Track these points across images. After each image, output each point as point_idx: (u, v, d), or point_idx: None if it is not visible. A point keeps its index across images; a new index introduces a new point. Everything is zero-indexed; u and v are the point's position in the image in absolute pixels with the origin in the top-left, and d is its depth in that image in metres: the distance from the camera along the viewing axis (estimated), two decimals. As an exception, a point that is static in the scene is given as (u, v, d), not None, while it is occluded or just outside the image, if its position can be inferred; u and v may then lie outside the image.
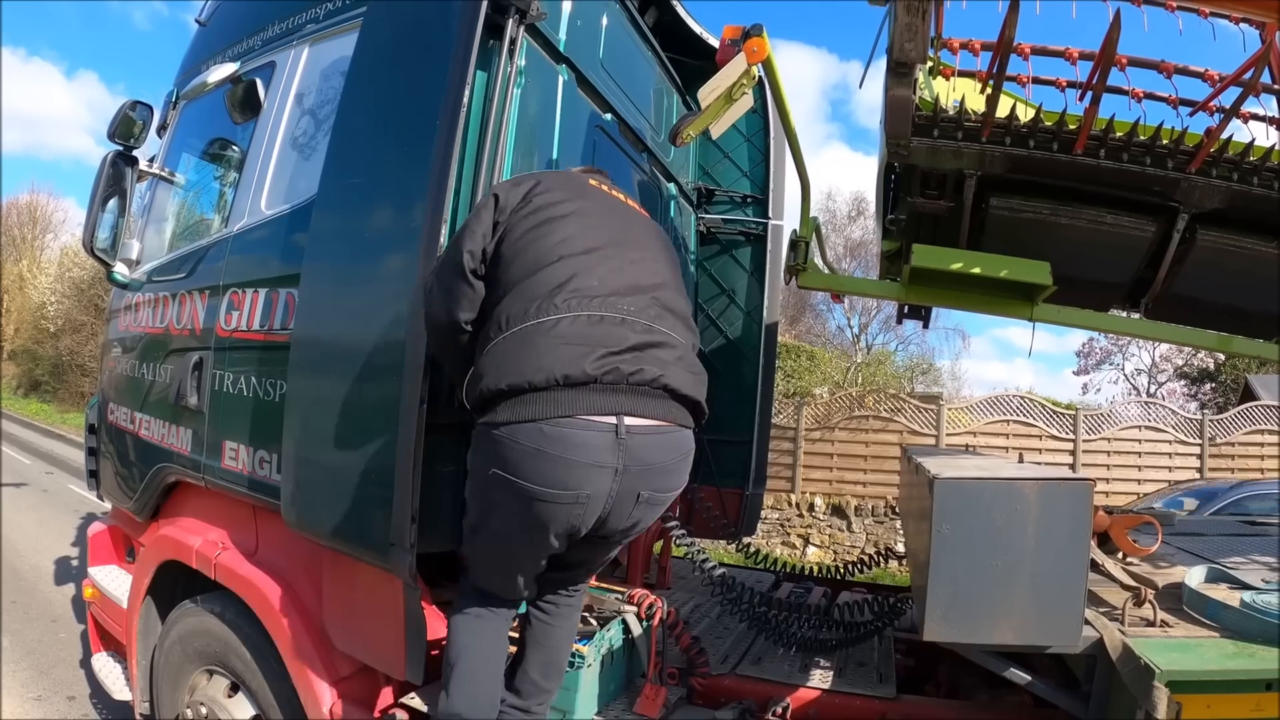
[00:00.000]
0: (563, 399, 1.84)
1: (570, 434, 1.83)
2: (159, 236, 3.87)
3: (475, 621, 2.19)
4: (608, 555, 2.31)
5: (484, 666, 2.17)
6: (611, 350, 1.88)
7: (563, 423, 1.83)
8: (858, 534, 12.42)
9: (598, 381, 1.85)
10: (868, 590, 4.27)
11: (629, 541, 2.26)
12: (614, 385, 1.86)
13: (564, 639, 2.36)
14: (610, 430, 1.86)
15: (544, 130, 2.99)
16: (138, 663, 3.60)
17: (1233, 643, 2.10)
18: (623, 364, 1.87)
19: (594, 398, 1.85)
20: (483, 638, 2.19)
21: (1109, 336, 25.11)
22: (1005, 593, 2.00)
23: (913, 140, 3.29)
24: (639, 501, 1.97)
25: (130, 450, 3.77)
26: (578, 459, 1.84)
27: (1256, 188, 3.29)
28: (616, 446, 1.86)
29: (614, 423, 1.86)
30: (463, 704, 2.12)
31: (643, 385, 1.90)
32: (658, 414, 1.94)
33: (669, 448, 1.99)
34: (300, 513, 2.62)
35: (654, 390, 1.93)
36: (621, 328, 1.94)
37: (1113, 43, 2.91)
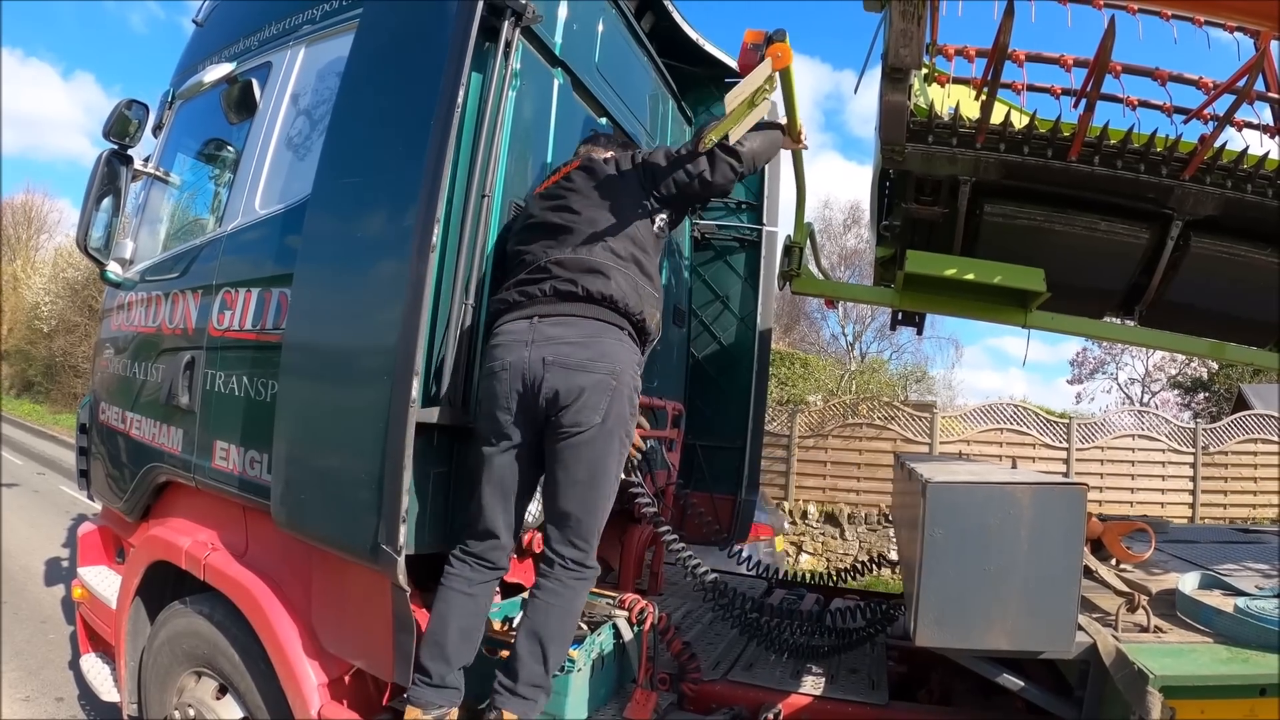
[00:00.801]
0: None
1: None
2: (153, 236, 3.86)
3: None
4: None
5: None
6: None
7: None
8: (851, 541, 12.42)
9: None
10: (860, 597, 4.26)
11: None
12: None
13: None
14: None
15: (538, 133, 2.99)
16: (126, 664, 3.58)
17: (1226, 648, 2.09)
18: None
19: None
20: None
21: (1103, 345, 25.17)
22: (998, 598, 1.99)
23: (908, 146, 3.29)
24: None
25: (121, 450, 3.76)
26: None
27: (1250, 195, 3.30)
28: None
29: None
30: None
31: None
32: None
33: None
34: (290, 513, 2.61)
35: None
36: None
37: (1107, 50, 2.92)
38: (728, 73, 4.89)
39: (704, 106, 5.05)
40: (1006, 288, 3.41)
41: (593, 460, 2.39)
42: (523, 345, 2.39)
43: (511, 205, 2.78)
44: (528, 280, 2.49)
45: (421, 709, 2.33)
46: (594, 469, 2.39)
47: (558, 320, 2.42)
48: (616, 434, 2.42)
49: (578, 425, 2.36)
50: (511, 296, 2.49)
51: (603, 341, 2.42)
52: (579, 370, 2.36)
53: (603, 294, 2.45)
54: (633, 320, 2.52)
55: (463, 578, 2.43)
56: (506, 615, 2.68)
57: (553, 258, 2.49)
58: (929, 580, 2.00)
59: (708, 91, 5.00)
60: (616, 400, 2.40)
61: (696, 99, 5.00)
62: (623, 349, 2.46)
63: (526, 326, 2.42)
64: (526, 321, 2.43)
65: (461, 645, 2.39)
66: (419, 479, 2.39)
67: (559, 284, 2.45)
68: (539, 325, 2.41)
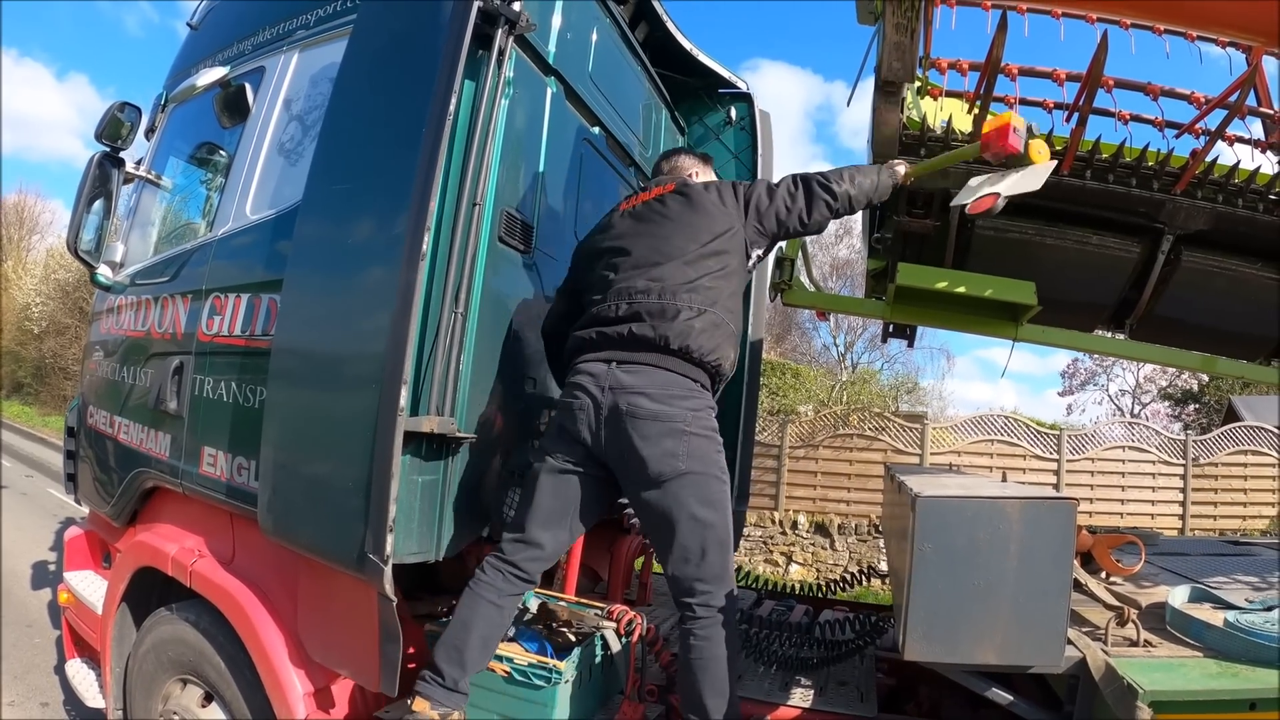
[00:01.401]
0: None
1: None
2: (143, 239, 3.84)
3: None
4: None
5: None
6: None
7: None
8: (841, 552, 12.39)
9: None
10: (850, 608, 4.26)
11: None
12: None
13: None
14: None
15: (531, 142, 2.98)
16: (111, 670, 3.55)
17: (1216, 662, 2.09)
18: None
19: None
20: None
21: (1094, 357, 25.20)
22: (987, 612, 1.99)
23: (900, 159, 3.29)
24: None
25: (109, 454, 3.73)
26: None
27: (1241, 209, 3.32)
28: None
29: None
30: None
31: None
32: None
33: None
34: (277, 520, 2.59)
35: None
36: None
37: (1100, 64, 2.94)
38: (720, 83, 4.91)
39: (697, 116, 5.06)
40: (997, 301, 3.41)
41: (693, 506, 2.37)
42: (599, 389, 2.43)
43: (503, 214, 2.77)
44: (608, 320, 2.51)
45: (429, 703, 2.32)
46: (696, 514, 2.37)
47: (632, 369, 2.44)
48: (706, 474, 2.41)
49: (662, 475, 2.36)
50: (590, 335, 2.52)
51: (672, 395, 2.41)
52: (650, 420, 2.37)
53: (681, 346, 2.44)
54: (707, 368, 2.50)
55: (494, 587, 2.44)
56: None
57: (635, 300, 2.49)
58: (918, 594, 2.00)
59: (700, 101, 5.01)
60: (692, 443, 2.39)
61: (690, 109, 5.01)
62: (692, 400, 2.45)
63: (604, 370, 2.45)
64: (604, 365, 2.46)
65: (480, 654, 2.39)
66: (406, 488, 2.38)
67: (636, 329, 2.45)
68: (615, 371, 2.44)
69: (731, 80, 4.90)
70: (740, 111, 4.96)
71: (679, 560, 2.38)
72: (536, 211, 3.03)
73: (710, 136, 5.04)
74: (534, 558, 2.48)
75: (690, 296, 2.48)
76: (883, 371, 26.49)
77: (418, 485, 2.47)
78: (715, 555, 2.37)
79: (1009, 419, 13.75)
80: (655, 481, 2.37)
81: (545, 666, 2.35)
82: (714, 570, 2.37)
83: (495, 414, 2.81)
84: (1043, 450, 13.03)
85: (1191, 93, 3.53)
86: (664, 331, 2.43)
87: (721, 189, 2.68)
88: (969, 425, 13.73)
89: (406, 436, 2.31)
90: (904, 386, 26.20)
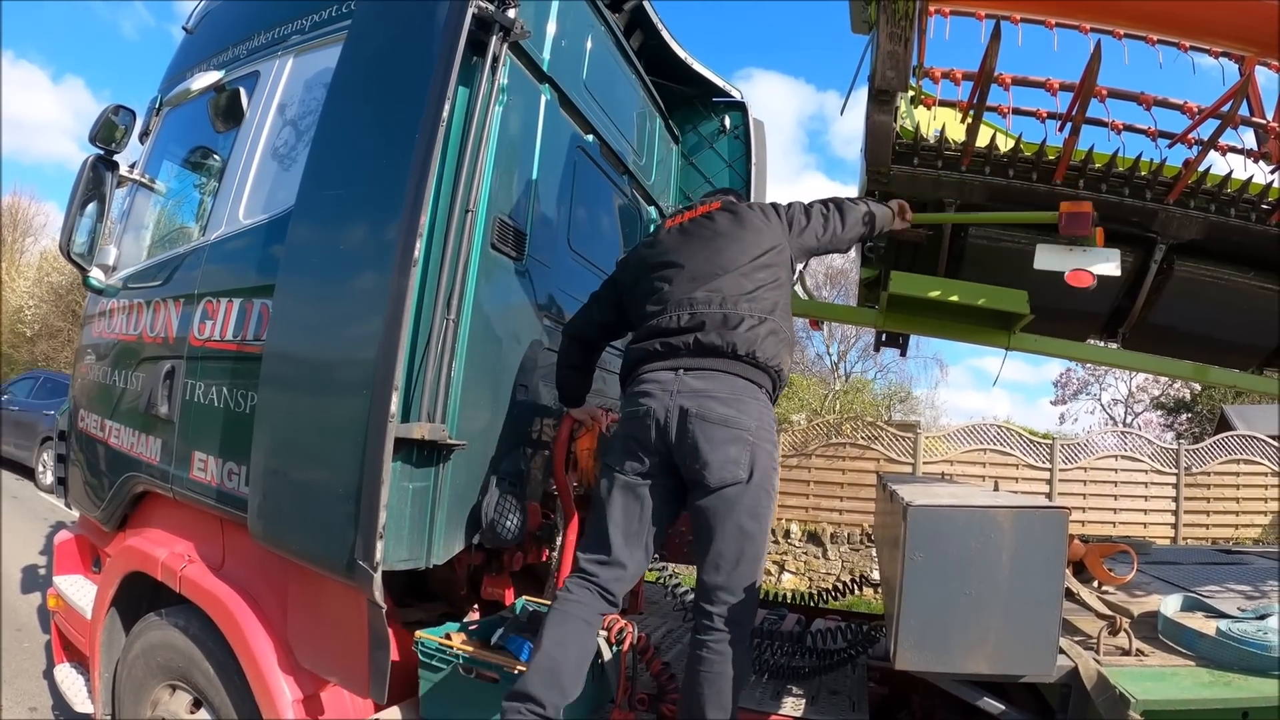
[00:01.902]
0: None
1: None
2: (136, 243, 3.83)
3: None
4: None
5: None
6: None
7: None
8: (833, 561, 12.39)
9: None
10: (841, 617, 4.25)
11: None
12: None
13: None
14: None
15: (524, 149, 2.99)
16: (100, 675, 3.53)
17: (1209, 671, 2.08)
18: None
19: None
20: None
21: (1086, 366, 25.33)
22: (979, 621, 1.99)
23: (893, 168, 3.30)
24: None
25: (99, 458, 3.72)
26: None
27: (1234, 219, 3.32)
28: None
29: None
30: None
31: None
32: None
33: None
34: (267, 526, 2.58)
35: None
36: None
37: (1093, 74, 2.94)
38: (714, 91, 4.92)
39: (691, 125, 5.07)
40: (991, 309, 3.41)
41: (741, 516, 2.37)
42: (668, 394, 2.43)
43: (496, 220, 2.77)
44: (671, 330, 2.53)
45: None
46: (743, 525, 2.37)
47: (701, 374, 2.45)
48: (764, 488, 2.42)
49: (722, 482, 2.36)
50: (654, 346, 2.53)
51: (743, 400, 2.44)
52: (719, 425, 2.38)
53: (748, 351, 2.48)
54: (770, 373, 2.54)
55: (586, 605, 2.39)
56: (484, 633, 2.65)
57: (697, 310, 2.53)
58: (909, 603, 1.99)
59: (695, 109, 5.02)
60: (759, 455, 2.40)
61: (684, 117, 5.02)
62: (759, 407, 2.47)
63: (672, 377, 2.46)
64: (672, 372, 2.47)
65: (575, 678, 2.31)
66: (397, 494, 2.37)
67: (703, 338, 2.48)
68: (684, 377, 2.45)
69: (726, 89, 4.91)
70: (735, 120, 4.97)
71: (711, 567, 2.37)
72: (529, 218, 3.03)
73: (704, 145, 5.05)
74: (618, 578, 2.44)
75: (749, 305, 2.54)
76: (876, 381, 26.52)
77: (408, 492, 2.46)
78: (747, 568, 2.37)
79: (1002, 428, 13.78)
80: (713, 486, 2.36)
81: (536, 674, 2.33)
82: (742, 582, 2.36)
83: (487, 421, 2.81)
84: (1036, 459, 13.05)
85: (1184, 102, 3.54)
86: (730, 339, 2.47)
87: (764, 208, 2.78)
88: (962, 434, 13.75)
89: (397, 443, 2.30)
90: (897, 396, 26.23)
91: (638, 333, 2.64)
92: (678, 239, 2.73)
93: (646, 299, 2.66)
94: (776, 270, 2.66)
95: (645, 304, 2.65)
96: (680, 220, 2.81)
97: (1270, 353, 3.87)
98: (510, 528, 2.72)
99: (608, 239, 3.97)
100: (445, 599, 3.11)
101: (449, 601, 3.11)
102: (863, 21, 3.05)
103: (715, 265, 2.60)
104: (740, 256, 2.61)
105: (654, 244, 2.80)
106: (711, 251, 2.63)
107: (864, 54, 3.01)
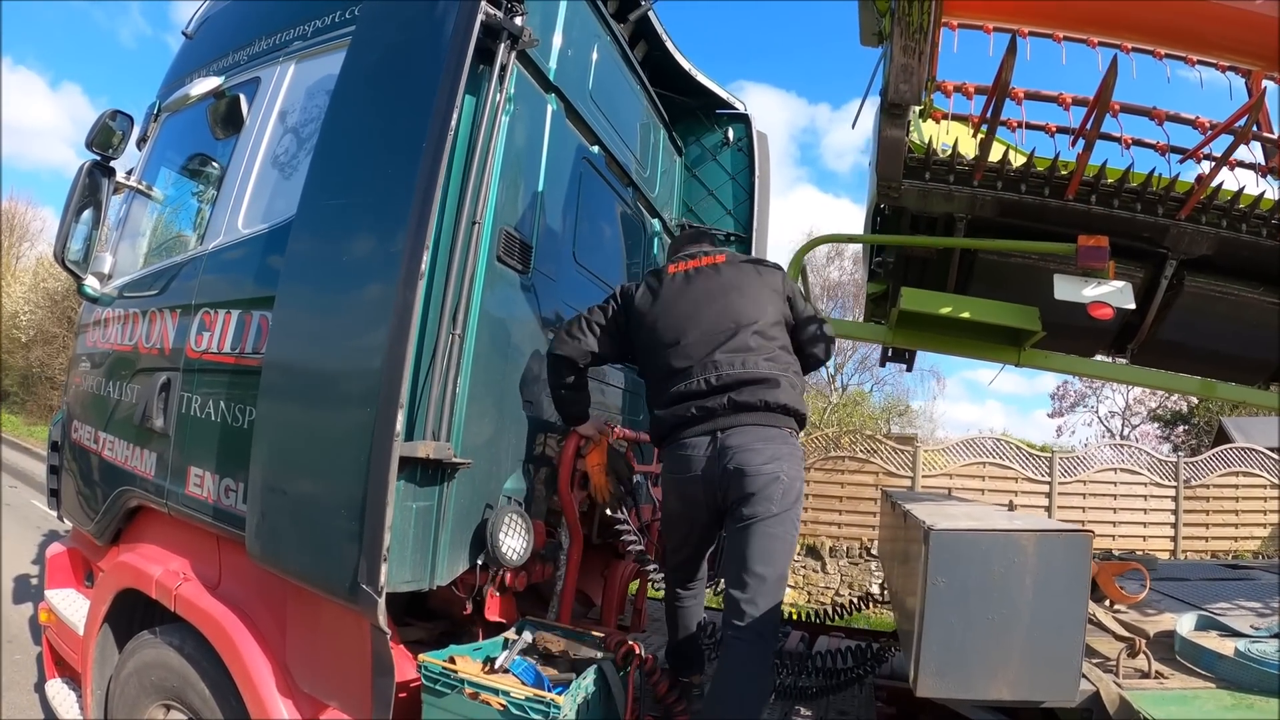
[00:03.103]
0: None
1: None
2: (132, 251, 3.77)
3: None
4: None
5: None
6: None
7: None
8: (832, 575, 12.34)
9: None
10: (845, 635, 4.20)
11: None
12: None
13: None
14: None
15: (530, 160, 2.94)
16: (92, 692, 3.46)
17: (1230, 694, 2.04)
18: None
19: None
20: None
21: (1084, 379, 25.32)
22: (1001, 647, 1.94)
23: (904, 182, 3.27)
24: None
25: (93, 471, 3.65)
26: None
27: (1245, 234, 3.30)
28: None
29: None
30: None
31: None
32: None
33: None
34: (265, 545, 2.50)
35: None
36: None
37: (1109, 89, 2.91)
38: (717, 103, 4.89)
39: (694, 137, 5.04)
40: (1000, 326, 3.38)
41: (769, 541, 2.60)
42: (707, 460, 2.68)
43: (502, 233, 2.72)
44: (703, 394, 2.73)
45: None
46: (770, 548, 2.59)
47: (736, 430, 2.68)
48: (789, 519, 2.66)
49: (754, 516, 2.60)
50: (690, 412, 2.72)
51: (775, 445, 2.68)
52: (755, 473, 2.62)
53: (776, 403, 2.72)
54: (796, 417, 2.79)
55: (691, 595, 3.13)
56: (488, 655, 2.59)
57: (723, 372, 2.74)
58: (931, 629, 1.94)
59: (698, 121, 4.99)
60: (787, 492, 2.63)
61: (686, 129, 4.99)
62: (789, 448, 2.71)
63: (708, 442, 2.70)
64: (708, 437, 2.70)
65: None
66: (400, 514, 2.31)
67: (737, 398, 2.70)
68: (720, 439, 2.68)
69: (729, 100, 4.88)
70: (738, 132, 4.95)
71: (741, 582, 2.59)
72: (535, 231, 2.98)
73: (707, 157, 5.02)
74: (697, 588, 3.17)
75: (771, 365, 2.77)
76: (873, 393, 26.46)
77: (412, 511, 2.40)
78: (774, 592, 2.59)
79: (1000, 441, 13.76)
80: (749, 520, 2.60)
81: (544, 700, 2.28)
82: (767, 599, 2.56)
83: (491, 438, 2.75)
84: (1035, 473, 13.01)
85: (1196, 117, 3.52)
86: (762, 396, 2.71)
87: (771, 277, 2.97)
88: (960, 448, 13.71)
89: (401, 462, 2.23)
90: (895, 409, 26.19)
91: (668, 396, 2.79)
92: (683, 287, 2.89)
93: (664, 351, 2.83)
94: (783, 330, 2.90)
95: (664, 357, 2.83)
96: (685, 268, 2.95)
97: (1277, 367, 3.84)
98: (515, 548, 2.66)
99: (612, 251, 3.92)
100: (445, 617, 3.04)
101: (449, 620, 3.04)
102: (872, 34, 3.02)
103: (731, 321, 2.79)
104: (757, 315, 2.82)
105: (660, 291, 2.92)
106: (724, 306, 2.82)
107: (876, 67, 2.98)
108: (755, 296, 2.85)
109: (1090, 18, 3.34)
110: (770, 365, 2.76)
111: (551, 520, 3.12)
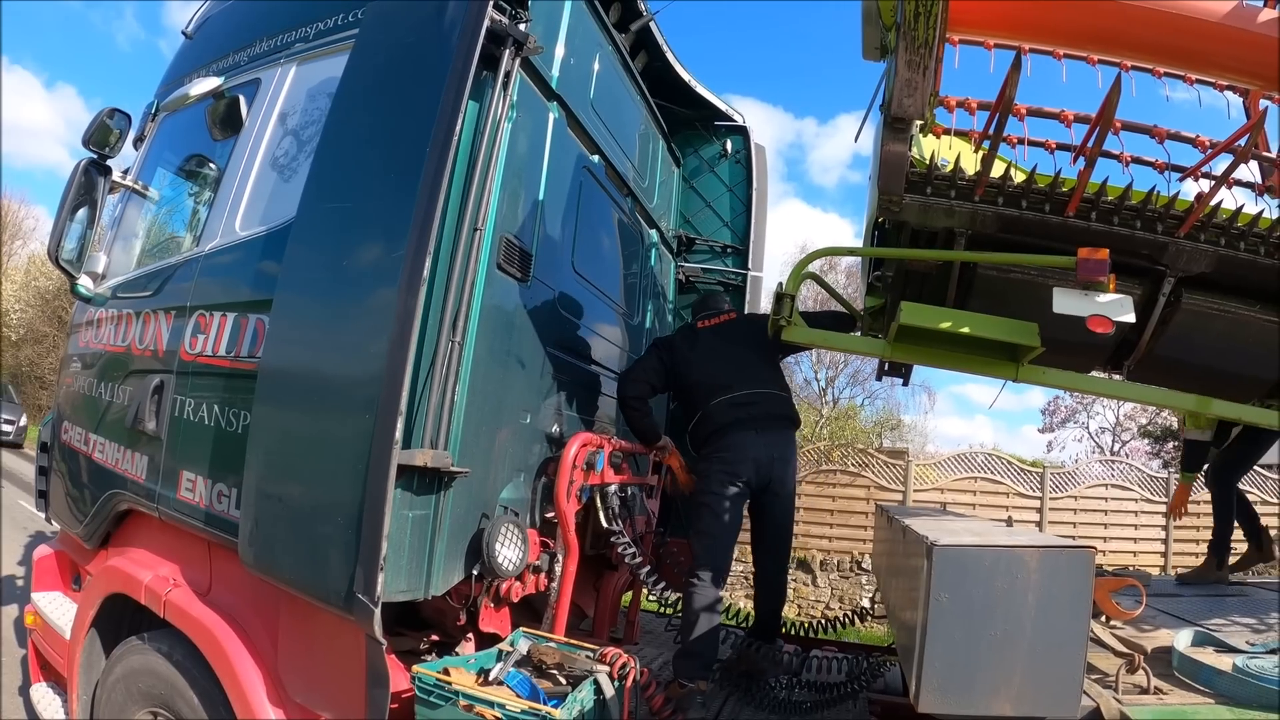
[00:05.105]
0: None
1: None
2: (127, 251, 3.74)
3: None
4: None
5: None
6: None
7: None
8: (823, 588, 12.29)
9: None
10: (838, 648, 4.18)
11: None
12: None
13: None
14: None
15: (532, 167, 2.93)
16: (78, 697, 3.42)
17: (1229, 709, 2.05)
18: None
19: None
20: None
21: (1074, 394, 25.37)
22: (1003, 663, 1.94)
23: (905, 197, 3.26)
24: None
25: (82, 473, 3.61)
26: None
27: (1243, 252, 3.30)
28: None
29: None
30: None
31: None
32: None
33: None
34: (258, 553, 2.48)
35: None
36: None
37: (1111, 107, 2.91)
38: (716, 115, 4.90)
39: (693, 148, 5.05)
40: (999, 341, 3.37)
41: (790, 511, 3.93)
42: (756, 448, 3.67)
43: (503, 240, 2.70)
44: (744, 404, 3.74)
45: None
46: (790, 516, 3.94)
47: (771, 433, 3.75)
48: (794, 495, 3.97)
49: (785, 489, 3.82)
50: (736, 416, 3.71)
51: (793, 444, 3.95)
52: (786, 463, 3.81)
53: (795, 418, 4.00)
54: (796, 422, 4.02)
55: (716, 589, 3.53)
56: (482, 667, 2.56)
57: (754, 392, 3.78)
58: (933, 645, 1.93)
59: (696, 133, 5.00)
60: (795, 475, 3.91)
61: (685, 140, 5.00)
62: (795, 445, 3.99)
63: (755, 435, 3.68)
64: (754, 432, 3.69)
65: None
66: (397, 523, 2.28)
67: (771, 408, 3.81)
68: (759, 436, 3.70)
69: (728, 113, 4.89)
70: (736, 144, 4.96)
71: (773, 545, 3.92)
72: (535, 239, 2.97)
73: (705, 169, 5.03)
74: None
75: (783, 392, 3.97)
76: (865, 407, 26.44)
77: (408, 520, 2.37)
78: (787, 545, 4.02)
79: (990, 456, 13.77)
80: (780, 492, 3.79)
81: (539, 714, 2.25)
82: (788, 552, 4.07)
83: (489, 446, 2.73)
84: (1026, 488, 13.02)
85: (1196, 136, 3.53)
86: (785, 411, 3.90)
87: (764, 325, 3.65)
88: (952, 462, 13.72)
89: (398, 470, 2.21)
90: (887, 423, 26.18)
91: (715, 408, 3.72)
92: (713, 338, 3.93)
93: (709, 379, 3.79)
94: (780, 369, 4.12)
95: (710, 383, 3.78)
96: (712, 324, 4.00)
97: (1273, 385, 3.85)
98: (511, 558, 2.64)
99: (610, 261, 3.92)
100: (438, 627, 3.01)
101: (442, 630, 3.01)
102: (874, 48, 3.02)
103: (754, 362, 3.88)
104: (770, 357, 4.00)
105: (697, 343, 3.90)
106: (745, 350, 3.89)
107: (880, 82, 2.97)
108: (761, 341, 3.74)
109: (1096, 37, 3.34)
110: (778, 385, 3.93)
111: (546, 531, 3.10)
